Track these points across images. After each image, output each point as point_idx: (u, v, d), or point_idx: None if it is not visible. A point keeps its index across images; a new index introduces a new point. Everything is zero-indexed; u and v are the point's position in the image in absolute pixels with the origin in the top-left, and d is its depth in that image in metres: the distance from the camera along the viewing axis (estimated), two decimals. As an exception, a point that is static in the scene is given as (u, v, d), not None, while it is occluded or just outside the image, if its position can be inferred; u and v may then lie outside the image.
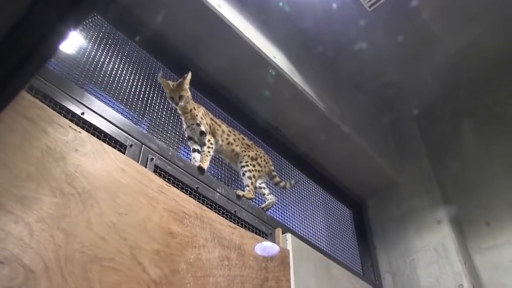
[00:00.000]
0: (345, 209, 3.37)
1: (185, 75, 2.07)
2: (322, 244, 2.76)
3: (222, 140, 2.25)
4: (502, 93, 3.26)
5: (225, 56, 2.56)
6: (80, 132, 1.40)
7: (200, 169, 1.93)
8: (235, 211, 2.00)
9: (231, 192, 2.06)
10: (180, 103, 2.06)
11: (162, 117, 2.18)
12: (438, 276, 2.70)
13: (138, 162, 1.63)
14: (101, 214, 1.28)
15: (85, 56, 1.96)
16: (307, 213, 2.84)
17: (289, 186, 2.53)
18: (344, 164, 3.21)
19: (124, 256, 1.27)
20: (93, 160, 1.37)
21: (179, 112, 2.14)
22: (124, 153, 1.60)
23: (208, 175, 1.99)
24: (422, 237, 2.94)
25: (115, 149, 1.52)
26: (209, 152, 2.07)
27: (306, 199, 2.94)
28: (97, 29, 2.08)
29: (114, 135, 1.63)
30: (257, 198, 2.34)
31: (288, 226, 2.47)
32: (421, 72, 3.41)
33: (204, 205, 1.74)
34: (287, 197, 2.69)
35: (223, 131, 2.28)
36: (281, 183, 2.47)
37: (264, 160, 2.40)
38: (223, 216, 1.82)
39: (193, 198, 1.71)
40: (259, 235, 2.00)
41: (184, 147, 2.24)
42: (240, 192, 2.10)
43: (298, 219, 2.71)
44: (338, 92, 3.26)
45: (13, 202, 1.10)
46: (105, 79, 1.99)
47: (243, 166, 2.27)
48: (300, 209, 2.79)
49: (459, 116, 3.42)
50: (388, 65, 3.37)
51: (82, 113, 1.57)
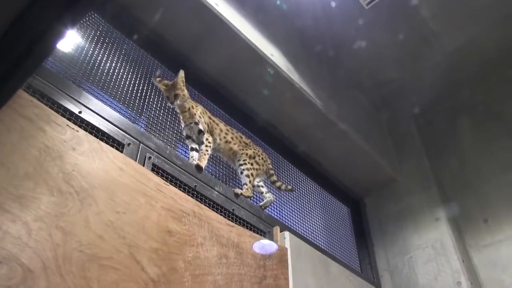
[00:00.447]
0: (343, 207, 3.37)
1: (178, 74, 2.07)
2: (320, 242, 2.77)
3: (220, 139, 2.25)
4: (500, 91, 3.27)
5: (223, 55, 2.56)
6: (78, 131, 1.40)
7: (198, 168, 1.93)
8: (233, 210, 2.00)
9: (229, 191, 2.06)
10: (176, 102, 2.06)
11: (160, 116, 2.18)
12: (436, 274, 2.71)
13: (136, 161, 1.63)
14: (99, 213, 1.28)
15: (83, 55, 1.95)
16: (305, 211, 2.84)
17: (284, 188, 2.48)
18: (342, 162, 3.22)
19: (122, 255, 1.27)
20: (91, 159, 1.37)
21: (177, 111, 2.15)
22: (122, 152, 1.60)
23: (206, 174, 1.99)
24: (420, 235, 2.95)
25: (113, 148, 1.52)
26: (207, 151, 2.07)
27: (304, 197, 2.94)
28: (95, 28, 2.08)
29: (112, 134, 1.63)
30: (255, 197, 2.34)
31: (286, 224, 2.47)
32: (419, 70, 3.41)
33: (202, 204, 1.74)
34: (285, 196, 2.69)
35: (221, 130, 2.28)
36: (278, 183, 2.45)
37: (262, 159, 2.40)
38: (221, 215, 1.83)
39: (191, 197, 1.71)
40: (257, 233, 2.01)
41: (182, 146, 2.24)
42: (238, 191, 2.10)
43: (296, 217, 2.71)
44: (336, 90, 3.26)
45: (11, 201, 1.10)
46: (103, 78, 1.98)
47: (241, 165, 2.27)
48: (298, 207, 2.79)
49: (457, 114, 3.43)
50: (386, 63, 3.38)
51: (80, 112, 1.56)
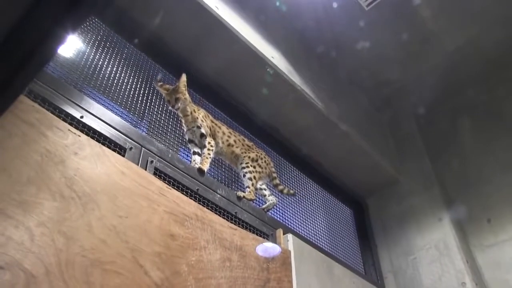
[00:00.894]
0: (346, 208, 3.36)
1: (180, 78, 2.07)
2: (323, 244, 2.76)
3: (223, 142, 2.25)
4: (501, 91, 3.26)
5: (223, 57, 2.56)
6: (80, 136, 1.40)
7: (201, 171, 1.93)
8: (236, 213, 1.99)
9: (232, 194, 2.05)
10: (177, 106, 2.06)
11: (162, 119, 2.18)
12: (440, 275, 2.69)
13: (138, 165, 1.62)
14: (102, 218, 1.28)
15: (84, 59, 1.95)
16: (308, 213, 2.84)
17: (286, 192, 2.46)
18: (344, 163, 3.21)
19: (125, 259, 1.26)
20: (93, 164, 1.37)
21: (180, 115, 2.14)
22: (124, 156, 1.60)
23: (209, 177, 1.98)
24: (423, 235, 2.94)
25: (115, 152, 1.51)
26: (210, 154, 2.06)
27: (307, 199, 2.94)
28: (95, 32, 2.08)
29: (114, 138, 1.63)
30: (258, 199, 2.33)
31: (289, 227, 2.46)
32: (420, 70, 3.41)
33: (205, 207, 1.73)
34: (288, 198, 2.69)
35: (224, 133, 2.28)
36: (280, 186, 2.44)
37: (265, 162, 2.40)
38: (224, 218, 1.82)
39: (194, 200, 1.71)
40: (260, 236, 2.00)
41: (184, 149, 2.24)
42: (241, 194, 2.09)
43: (299, 220, 2.70)
44: (337, 91, 3.26)
45: (14, 207, 1.10)
46: (104, 82, 1.98)
47: (244, 168, 2.27)
48: (301, 210, 2.79)
49: (458, 114, 3.42)
50: (387, 64, 3.37)
51: (81, 117, 1.56)
